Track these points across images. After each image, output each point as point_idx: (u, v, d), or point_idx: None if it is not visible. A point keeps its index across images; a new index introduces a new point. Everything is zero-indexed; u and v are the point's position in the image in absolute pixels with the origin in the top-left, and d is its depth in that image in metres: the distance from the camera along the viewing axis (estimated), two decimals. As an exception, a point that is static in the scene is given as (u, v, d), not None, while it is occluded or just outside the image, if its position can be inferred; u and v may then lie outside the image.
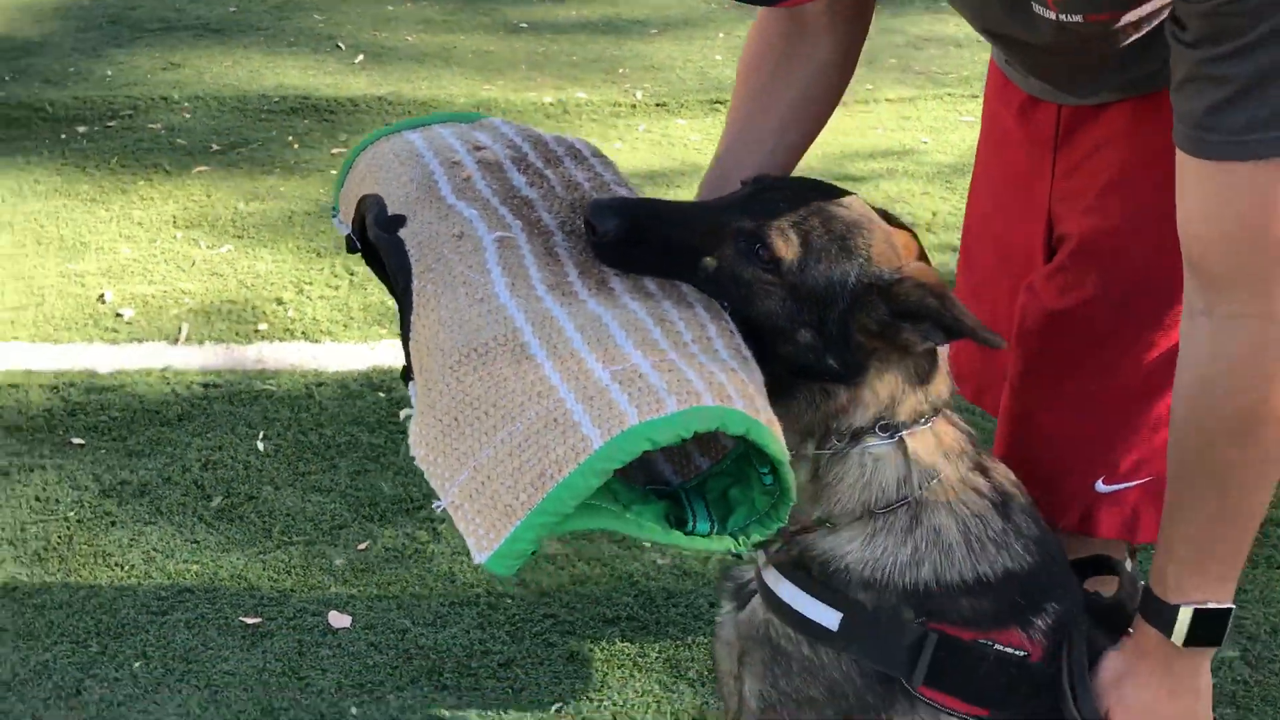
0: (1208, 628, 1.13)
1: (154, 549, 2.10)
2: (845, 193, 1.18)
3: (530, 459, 0.93)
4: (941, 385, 1.19)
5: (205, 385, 2.53)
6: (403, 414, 2.41)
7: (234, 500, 2.22)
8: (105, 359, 2.62)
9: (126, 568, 2.06)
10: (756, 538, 1.05)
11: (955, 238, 2.05)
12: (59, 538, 2.11)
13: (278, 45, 4.74)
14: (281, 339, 2.71)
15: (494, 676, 1.87)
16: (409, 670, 1.88)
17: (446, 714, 1.80)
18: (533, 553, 0.95)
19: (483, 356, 0.99)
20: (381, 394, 2.52)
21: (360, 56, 4.63)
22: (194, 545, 2.11)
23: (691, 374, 0.97)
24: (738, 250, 1.10)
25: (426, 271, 1.07)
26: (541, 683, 1.86)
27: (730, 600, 1.29)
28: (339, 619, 1.97)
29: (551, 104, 4.21)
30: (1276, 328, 1.04)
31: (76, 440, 2.36)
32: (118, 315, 2.79)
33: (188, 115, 4.01)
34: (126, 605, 1.98)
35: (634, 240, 1.08)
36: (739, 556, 1.20)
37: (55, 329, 2.74)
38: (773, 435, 0.98)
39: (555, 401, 0.94)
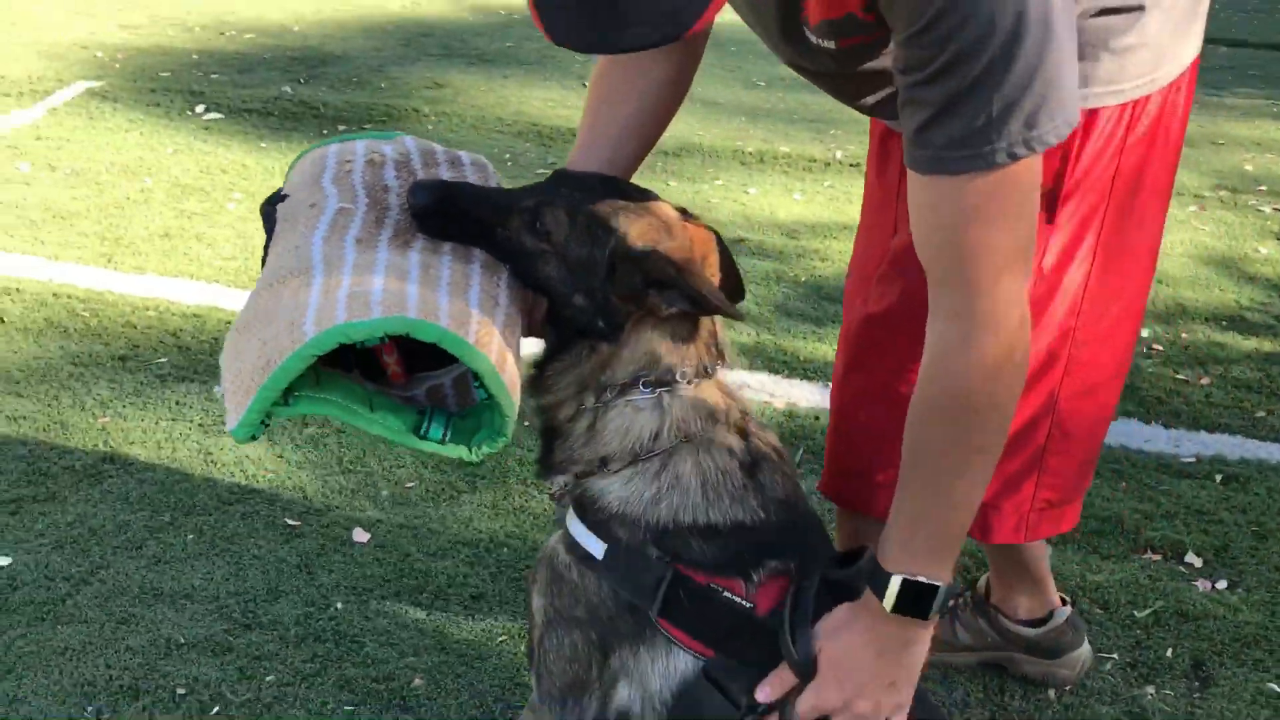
0: (915, 600, 1.23)
1: (246, 456, 2.51)
2: (642, 190, 1.38)
3: (270, 351, 1.20)
4: (702, 352, 1.35)
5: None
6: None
7: (325, 431, 2.60)
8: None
9: (220, 465, 2.48)
10: (487, 449, 1.29)
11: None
12: (181, 437, 2.56)
13: (532, 78, 5.26)
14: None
15: (463, 604, 2.13)
16: (396, 585, 2.17)
17: (410, 624, 2.08)
18: (264, 424, 1.22)
19: (281, 283, 1.26)
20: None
21: (600, 94, 5.06)
22: (279, 459, 2.50)
23: (413, 296, 1.21)
24: (522, 223, 1.32)
25: (280, 232, 1.37)
26: (500, 617, 2.11)
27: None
28: (360, 535, 2.29)
29: (751, 153, 4.47)
30: (976, 325, 1.15)
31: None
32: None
33: (430, 126, 4.56)
34: (204, 493, 2.40)
35: (442, 212, 1.32)
36: (475, 463, 1.38)
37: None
38: (467, 345, 1.20)
39: (300, 310, 1.21)
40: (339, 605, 2.12)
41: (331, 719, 1.89)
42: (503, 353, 1.24)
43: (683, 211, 1.39)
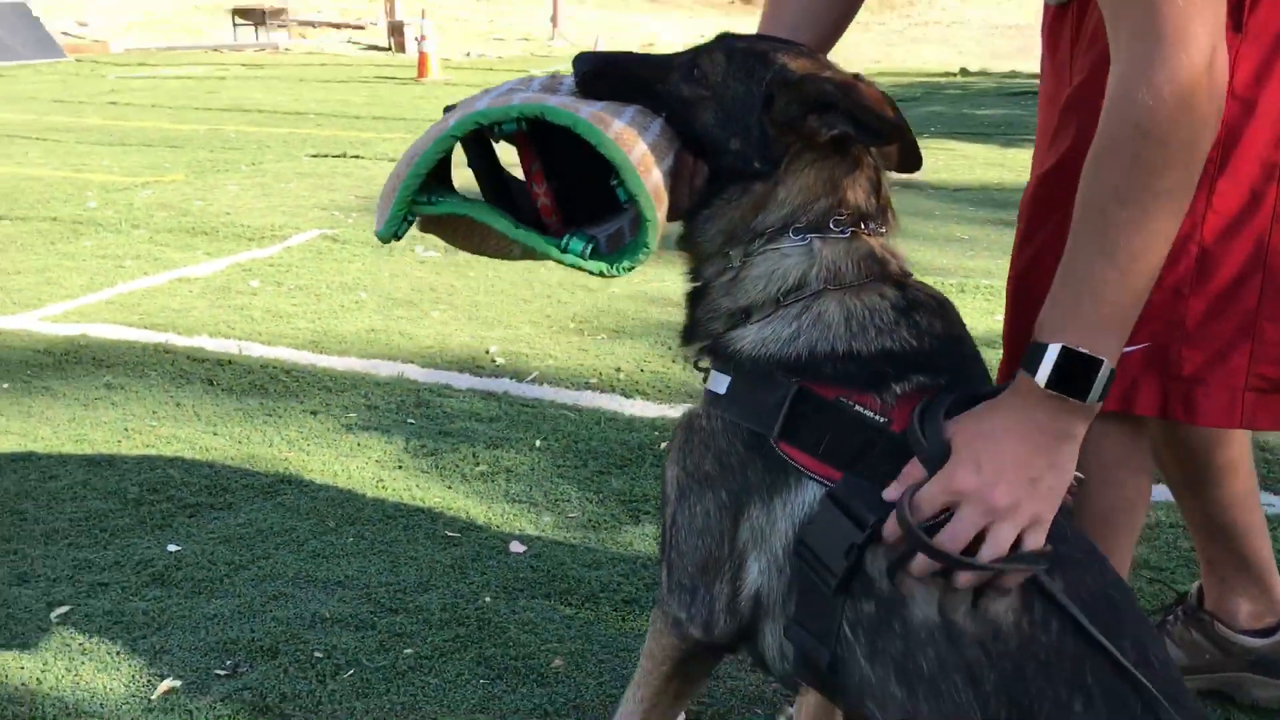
0: (1075, 374, 1.06)
1: (416, 484, 2.51)
2: (802, 46, 1.34)
3: (414, 151, 1.21)
4: (862, 198, 1.26)
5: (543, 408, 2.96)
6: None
7: (496, 469, 2.58)
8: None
9: (391, 489, 2.48)
10: (628, 263, 1.23)
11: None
12: (358, 469, 2.59)
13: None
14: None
15: (614, 607, 2.02)
16: (547, 588, 2.08)
17: (558, 618, 1.98)
18: (408, 220, 1.21)
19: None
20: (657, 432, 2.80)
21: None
22: (448, 489, 2.49)
23: (558, 100, 1.21)
24: (681, 75, 1.30)
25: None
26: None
27: None
28: (517, 546, 2.23)
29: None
30: (1163, 41, 1.01)
31: (411, 421, 2.87)
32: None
33: (630, 260, 4.67)
34: (372, 509, 2.39)
35: (604, 75, 1.31)
36: (614, 275, 1.28)
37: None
38: (603, 136, 1.17)
39: (446, 121, 1.22)
40: (487, 599, 2.04)
41: (465, 690, 1.79)
42: (645, 159, 1.20)
43: (855, 76, 1.34)
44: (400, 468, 2.61)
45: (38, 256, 4.62)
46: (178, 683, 1.79)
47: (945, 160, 7.15)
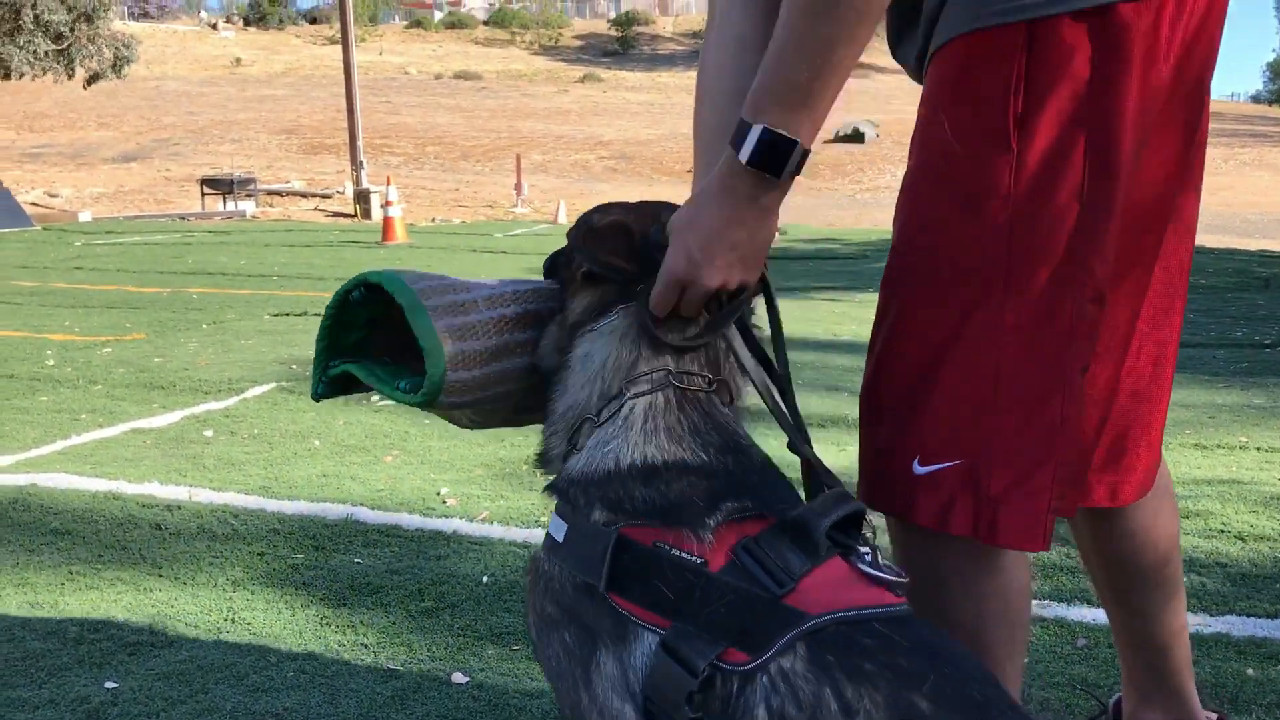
0: (774, 153, 1.20)
1: (363, 622, 2.50)
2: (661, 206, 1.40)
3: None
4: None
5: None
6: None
7: (441, 605, 2.59)
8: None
9: (335, 626, 2.47)
10: (420, 397, 1.33)
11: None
12: (302, 606, 2.59)
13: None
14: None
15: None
16: (490, 717, 2.07)
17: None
18: (322, 382, 1.39)
19: None
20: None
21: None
22: (392, 625, 2.49)
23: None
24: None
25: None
26: None
27: None
28: (459, 677, 2.22)
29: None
30: None
31: (358, 560, 2.88)
32: (441, 501, 3.37)
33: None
34: (316, 643, 2.38)
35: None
36: (421, 405, 1.37)
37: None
38: (397, 281, 1.33)
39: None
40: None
41: (400, 816, 1.76)
42: (456, 305, 1.34)
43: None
44: (345, 604, 2.60)
45: (-9, 411, 4.63)
46: (106, 816, 1.76)
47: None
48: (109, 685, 2.19)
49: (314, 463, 3.85)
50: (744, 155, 1.21)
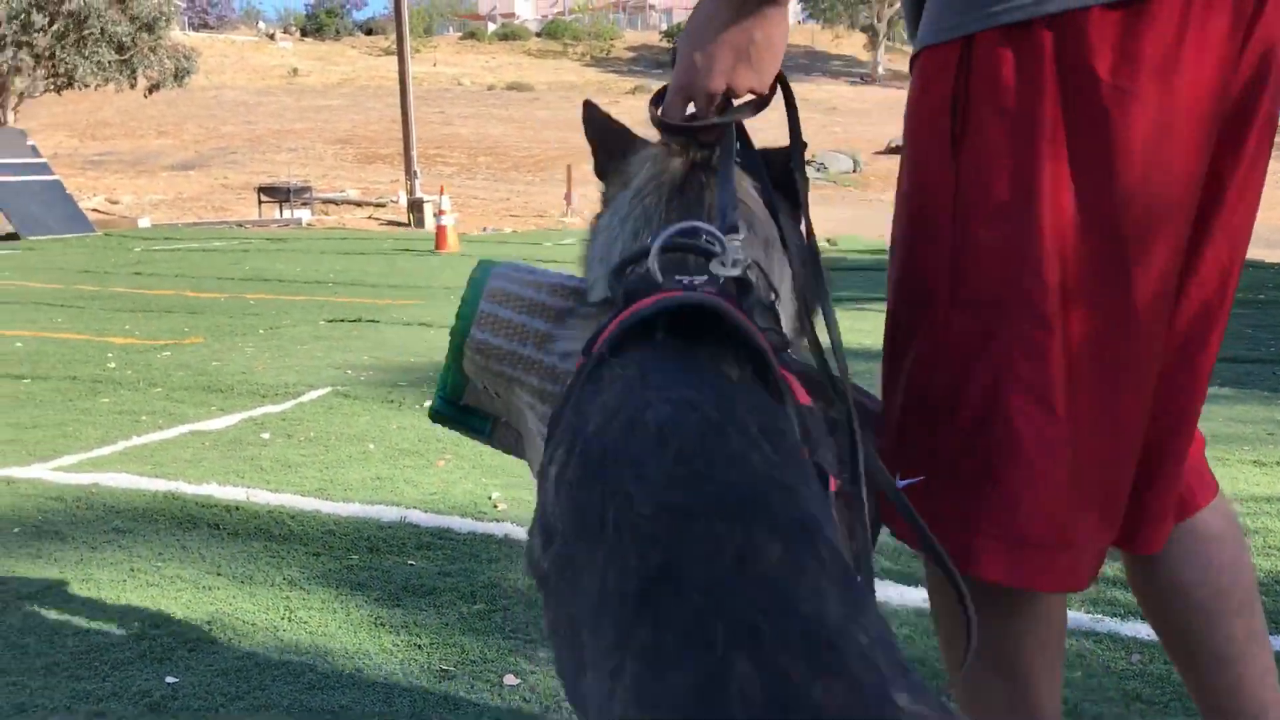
0: None
1: (416, 621, 2.53)
2: None
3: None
4: None
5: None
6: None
7: (494, 608, 2.61)
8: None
9: (389, 628, 2.51)
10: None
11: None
12: (356, 608, 2.63)
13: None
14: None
15: None
16: (543, 719, 2.09)
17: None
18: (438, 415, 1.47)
19: None
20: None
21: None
22: (445, 627, 2.52)
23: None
24: None
25: None
26: None
27: None
28: (511, 680, 2.24)
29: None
30: None
31: (412, 562, 2.91)
32: (493, 506, 3.41)
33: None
34: (371, 643, 2.42)
35: None
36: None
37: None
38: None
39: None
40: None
41: (453, 814, 1.79)
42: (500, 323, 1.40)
43: None
44: (398, 605, 2.64)
45: (55, 412, 4.74)
46: (167, 806, 1.80)
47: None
48: (169, 680, 2.24)
49: (368, 466, 3.90)
50: None
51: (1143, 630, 2.46)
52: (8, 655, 2.35)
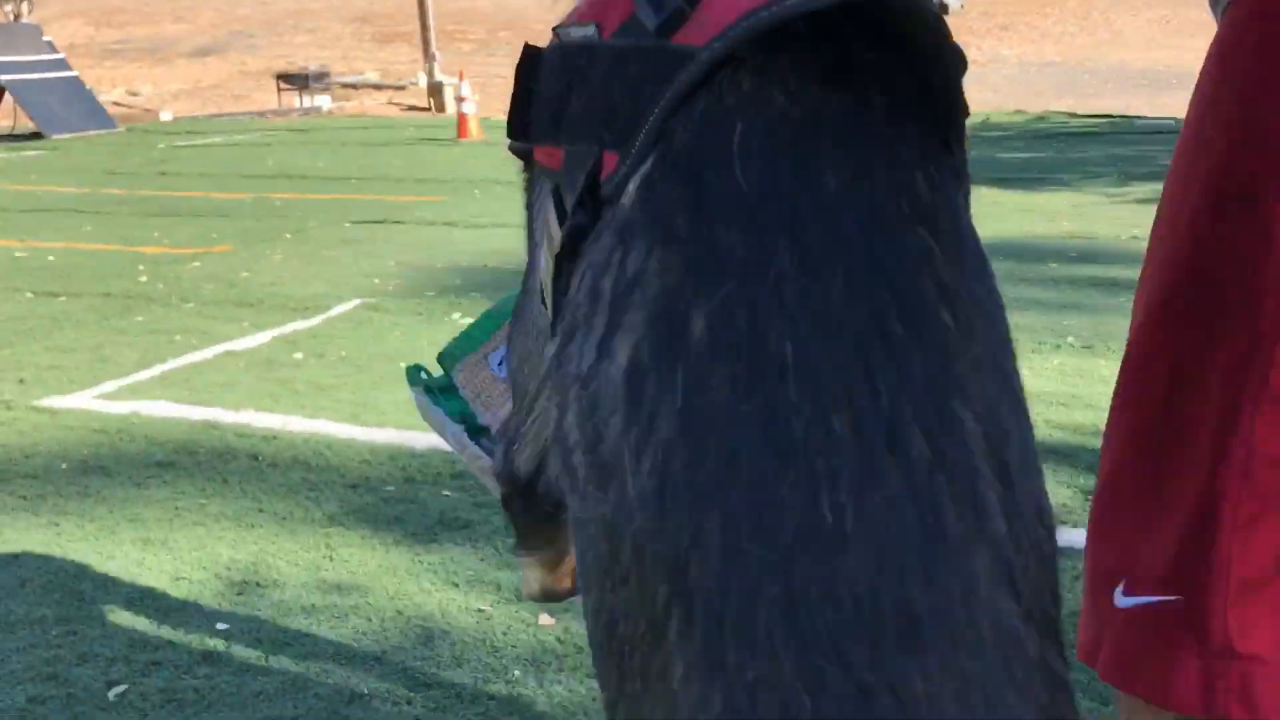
0: None
1: (452, 558, 2.62)
2: None
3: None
4: None
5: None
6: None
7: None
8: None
9: (427, 564, 2.60)
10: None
11: None
12: (394, 543, 2.72)
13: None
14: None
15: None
16: (574, 660, 2.19)
17: (589, 690, 2.08)
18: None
19: None
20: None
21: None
22: (481, 562, 2.60)
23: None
24: None
25: None
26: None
27: None
28: (545, 619, 2.33)
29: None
30: None
31: (446, 493, 3.00)
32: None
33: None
34: (409, 583, 2.51)
35: None
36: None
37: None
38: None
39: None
40: (516, 673, 2.15)
41: (495, 762, 1.89)
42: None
43: None
44: (434, 541, 2.72)
45: (91, 334, 4.82)
46: (226, 759, 1.91)
47: (975, 208, 7.24)
48: (220, 627, 2.34)
49: (399, 387, 3.95)
50: None
51: None
52: (67, 602, 2.46)
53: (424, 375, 1.46)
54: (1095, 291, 5.24)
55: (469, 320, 4.77)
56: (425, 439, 3.42)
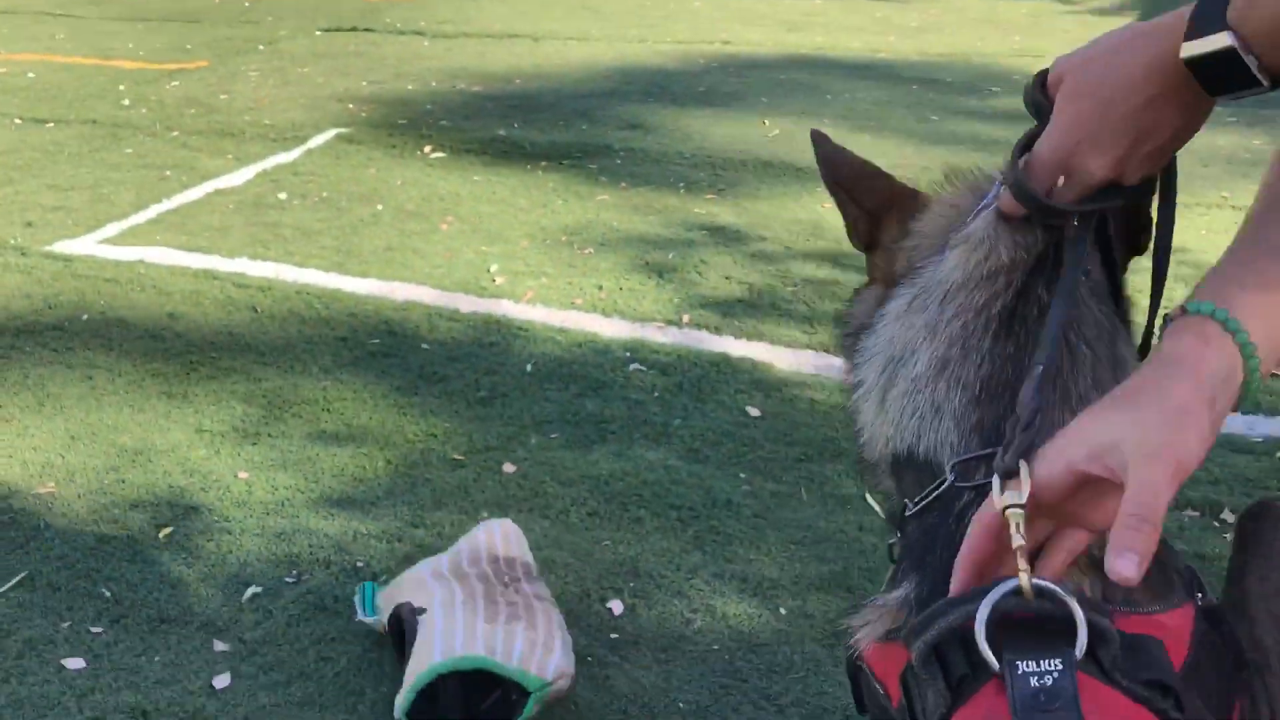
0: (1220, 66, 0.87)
1: (431, 410, 3.13)
2: None
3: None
4: None
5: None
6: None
7: (491, 394, 3.20)
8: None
9: (414, 436, 3.10)
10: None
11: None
12: (382, 395, 3.21)
13: (718, 117, 5.82)
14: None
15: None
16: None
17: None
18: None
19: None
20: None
21: (776, 131, 5.58)
22: (456, 417, 3.11)
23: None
24: None
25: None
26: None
27: None
28: (509, 467, 2.86)
29: (908, 177, 4.86)
30: None
31: (425, 346, 3.48)
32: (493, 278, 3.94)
33: (618, 160, 5.18)
34: (398, 445, 3.03)
35: None
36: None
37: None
38: (495, 662, 1.98)
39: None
40: (485, 514, 2.68)
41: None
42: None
43: None
44: (417, 394, 3.22)
45: (87, 170, 5.16)
46: (259, 589, 2.45)
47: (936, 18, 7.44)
48: (241, 475, 2.86)
49: (379, 231, 4.39)
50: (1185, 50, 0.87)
51: None
52: (112, 454, 2.96)
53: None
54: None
55: (441, 156, 5.17)
56: (404, 290, 3.88)
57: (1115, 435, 0.80)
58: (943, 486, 0.95)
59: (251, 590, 2.44)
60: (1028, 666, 0.76)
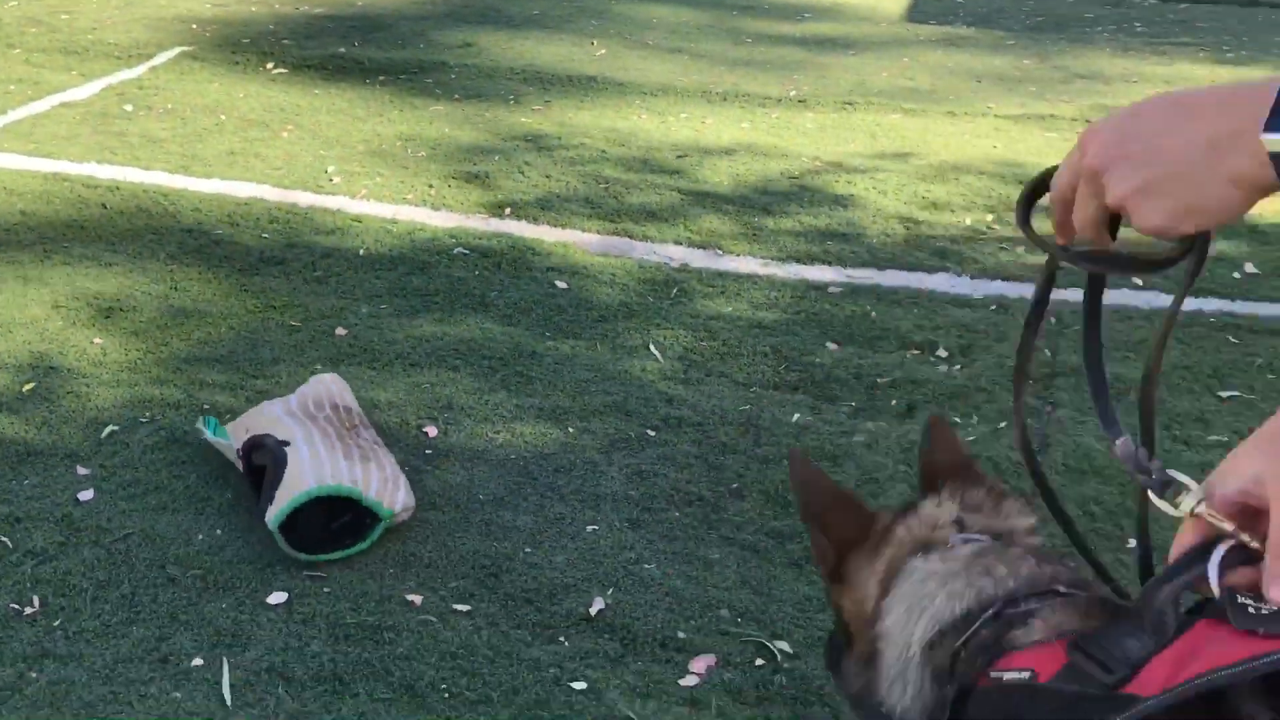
0: None
1: (271, 287, 3.49)
2: None
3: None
4: None
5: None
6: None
7: (327, 273, 3.57)
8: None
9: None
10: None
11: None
12: (227, 278, 3.55)
13: (548, 38, 6.20)
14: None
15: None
16: (360, 358, 3.13)
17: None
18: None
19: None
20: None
21: (603, 51, 5.99)
22: (294, 292, 3.48)
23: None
24: None
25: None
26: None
27: None
28: (340, 330, 3.25)
29: (718, 93, 5.34)
30: None
31: (266, 235, 3.81)
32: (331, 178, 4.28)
33: (453, 75, 5.53)
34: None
35: None
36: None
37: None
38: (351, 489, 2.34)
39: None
40: (318, 368, 3.07)
41: (303, 425, 2.84)
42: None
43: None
44: (256, 274, 3.57)
45: (-70, 83, 5.28)
46: (116, 427, 2.80)
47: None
48: (97, 342, 3.18)
49: (222, 138, 4.67)
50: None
51: None
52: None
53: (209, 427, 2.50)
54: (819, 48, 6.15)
55: (283, 72, 5.47)
56: (246, 188, 4.20)
57: (1259, 470, 0.88)
58: None
59: (109, 428, 2.80)
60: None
